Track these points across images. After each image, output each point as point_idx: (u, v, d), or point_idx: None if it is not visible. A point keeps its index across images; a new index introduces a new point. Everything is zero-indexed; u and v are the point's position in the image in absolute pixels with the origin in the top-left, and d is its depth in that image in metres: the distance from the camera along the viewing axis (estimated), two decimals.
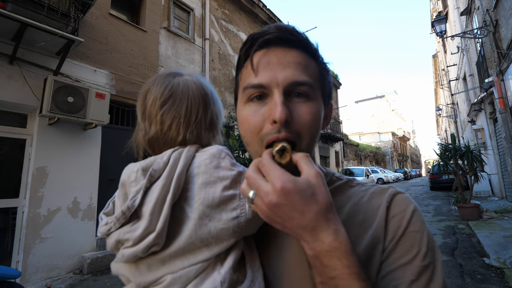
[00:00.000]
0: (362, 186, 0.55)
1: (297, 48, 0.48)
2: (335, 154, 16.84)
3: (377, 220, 0.47)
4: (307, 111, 0.46)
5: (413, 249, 0.43)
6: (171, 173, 0.47)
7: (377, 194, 0.50)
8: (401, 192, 0.50)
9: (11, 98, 3.88)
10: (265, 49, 0.47)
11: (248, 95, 0.48)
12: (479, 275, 3.52)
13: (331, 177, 0.57)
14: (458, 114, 16.73)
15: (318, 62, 0.51)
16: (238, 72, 0.53)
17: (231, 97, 8.17)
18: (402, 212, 0.46)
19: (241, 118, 0.50)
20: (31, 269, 3.80)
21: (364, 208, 0.49)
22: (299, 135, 0.46)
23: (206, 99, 0.58)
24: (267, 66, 0.46)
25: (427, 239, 0.44)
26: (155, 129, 0.55)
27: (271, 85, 0.46)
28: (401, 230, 0.45)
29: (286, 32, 0.47)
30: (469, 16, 9.90)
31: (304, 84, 0.46)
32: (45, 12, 3.63)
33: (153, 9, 6.14)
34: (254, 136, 0.47)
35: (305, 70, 0.47)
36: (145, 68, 5.77)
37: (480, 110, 9.88)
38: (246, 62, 0.49)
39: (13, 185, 3.97)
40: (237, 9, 8.97)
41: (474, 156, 6.42)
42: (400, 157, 42.99)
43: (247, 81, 0.48)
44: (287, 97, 0.46)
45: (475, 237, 5.13)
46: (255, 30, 0.50)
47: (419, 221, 0.46)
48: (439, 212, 8.14)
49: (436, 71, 26.21)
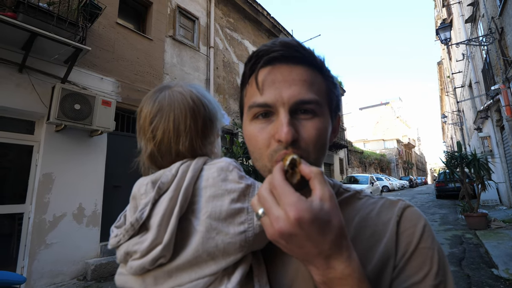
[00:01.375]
0: (370, 198, 0.54)
1: (302, 64, 0.47)
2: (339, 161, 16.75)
3: (387, 235, 0.46)
4: (314, 129, 0.46)
5: (424, 267, 0.42)
6: (178, 186, 0.47)
7: (386, 208, 0.50)
8: (411, 205, 0.49)
9: (20, 106, 3.96)
10: (270, 67, 0.47)
11: (253, 113, 0.48)
12: (487, 287, 3.43)
13: (338, 189, 0.56)
14: (464, 122, 16.56)
15: (325, 76, 0.50)
16: (243, 88, 0.53)
17: (235, 104, 8.22)
18: (412, 227, 0.46)
19: (248, 135, 0.50)
20: (36, 275, 3.81)
21: (373, 222, 0.48)
22: (306, 152, 0.45)
23: (193, 106, 0.56)
24: (272, 85, 0.46)
25: (438, 256, 0.44)
26: (150, 146, 0.55)
27: (277, 104, 0.45)
28: (412, 246, 0.44)
29: (291, 49, 0.47)
30: (474, 24, 9.89)
31: (310, 103, 0.46)
32: (55, 22, 3.73)
33: (159, 18, 6.26)
34: (263, 152, 0.47)
35: (311, 87, 0.47)
36: (150, 76, 5.86)
37: (486, 117, 9.78)
38: (251, 79, 0.49)
39: (19, 191, 4.02)
40: (242, 18, 9.10)
41: (481, 164, 6.33)
42: (405, 165, 42.53)
43: (253, 99, 0.48)
44: (293, 114, 0.46)
45: (483, 247, 5.02)
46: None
47: (430, 237, 0.45)
48: (446, 221, 8.00)
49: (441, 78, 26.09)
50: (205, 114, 0.58)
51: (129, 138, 5.32)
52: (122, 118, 5.34)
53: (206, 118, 0.58)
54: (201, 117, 0.57)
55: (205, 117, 0.57)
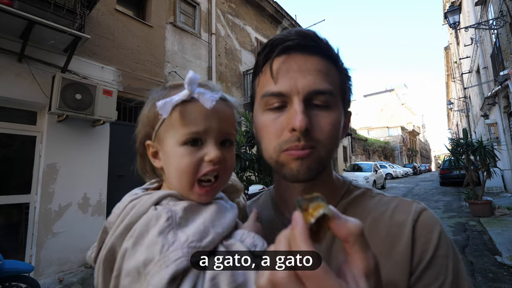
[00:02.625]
0: (384, 197, 0.52)
1: (318, 54, 0.46)
2: (343, 149, 16.69)
3: (403, 239, 0.44)
4: (328, 121, 0.45)
5: (440, 277, 0.42)
6: (113, 233, 0.44)
7: (400, 209, 0.48)
8: (426, 208, 0.48)
9: (21, 96, 3.93)
10: (285, 56, 0.46)
11: (266, 103, 0.47)
12: (490, 274, 3.45)
13: (349, 186, 0.55)
14: (471, 108, 16.29)
15: (339, 68, 0.49)
16: (255, 78, 0.51)
17: (238, 92, 8.13)
18: (429, 234, 0.45)
19: (259, 125, 0.48)
20: (44, 263, 3.90)
21: (386, 224, 0.47)
22: (319, 143, 0.44)
23: (144, 112, 0.51)
24: (287, 74, 0.45)
25: (452, 264, 0.43)
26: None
27: (291, 93, 0.45)
28: (429, 254, 0.43)
29: (307, 38, 0.46)
30: (484, 6, 9.53)
31: (325, 93, 0.45)
32: (52, 9, 3.64)
33: (159, 4, 6.11)
34: (271, 142, 0.46)
35: (326, 77, 0.46)
36: (151, 64, 5.77)
37: (493, 104, 9.58)
38: (265, 68, 0.48)
39: (25, 181, 4.05)
40: (244, 3, 8.85)
41: (487, 151, 6.25)
42: (409, 152, 42.35)
43: (266, 88, 0.47)
44: (307, 105, 0.44)
45: (486, 234, 5.03)
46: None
47: (446, 244, 0.44)
48: (450, 208, 8.00)
49: (448, 64, 25.51)
50: (144, 115, 0.51)
51: (131, 127, 5.24)
52: (124, 107, 5.30)
53: (143, 117, 0.53)
54: (142, 120, 0.53)
55: (143, 116, 0.53)
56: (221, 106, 0.47)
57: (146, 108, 0.50)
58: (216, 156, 0.44)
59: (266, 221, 0.57)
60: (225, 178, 0.49)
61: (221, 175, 0.47)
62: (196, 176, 0.45)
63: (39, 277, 3.73)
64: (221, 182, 0.48)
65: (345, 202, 0.52)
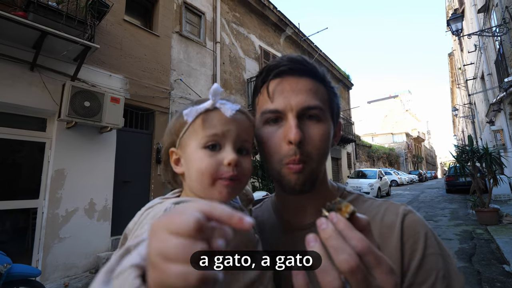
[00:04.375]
0: (375, 201, 0.58)
1: (307, 76, 0.54)
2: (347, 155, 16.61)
3: (392, 240, 0.49)
4: (318, 132, 0.52)
5: (432, 273, 0.46)
6: (130, 239, 0.45)
7: (389, 212, 0.53)
8: (412, 211, 0.53)
9: (32, 103, 4.04)
10: (279, 79, 0.54)
11: (265, 119, 0.54)
12: (498, 283, 3.39)
13: (343, 192, 0.61)
14: (476, 115, 16.16)
15: (327, 87, 0.56)
16: (255, 98, 0.59)
17: (242, 99, 8.22)
18: (416, 234, 0.49)
19: (260, 139, 0.55)
20: (50, 267, 3.94)
21: (377, 226, 0.52)
22: (309, 156, 0.51)
23: (171, 123, 0.56)
24: (281, 93, 0.53)
25: (442, 260, 0.47)
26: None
27: (286, 109, 0.52)
28: (419, 255, 0.47)
29: (297, 63, 0.54)
30: (487, 14, 9.56)
31: (315, 108, 0.52)
32: (64, 20, 3.77)
33: (165, 14, 6.26)
34: (274, 155, 0.53)
35: (315, 95, 0.53)
36: (158, 72, 5.89)
37: (499, 110, 9.51)
38: (262, 89, 0.56)
39: (33, 186, 4.13)
40: (248, 12, 9.02)
41: (493, 158, 6.20)
42: (414, 159, 41.91)
43: (264, 106, 0.55)
44: (300, 119, 0.52)
45: (494, 243, 4.95)
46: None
47: (434, 242, 0.48)
48: (456, 216, 7.89)
49: (452, 70, 25.43)
50: (168, 137, 0.57)
51: (137, 134, 5.38)
52: (130, 114, 5.40)
53: (167, 137, 0.57)
54: (168, 138, 0.57)
55: (167, 137, 0.57)
56: (240, 117, 0.52)
57: (173, 119, 0.56)
58: (233, 159, 0.48)
59: (268, 226, 0.63)
60: (243, 183, 0.52)
61: (239, 179, 0.50)
62: (216, 177, 0.48)
63: (45, 282, 3.77)
64: (239, 186, 0.51)
65: None
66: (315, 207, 0.56)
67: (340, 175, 15.07)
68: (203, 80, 7.03)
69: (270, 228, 0.61)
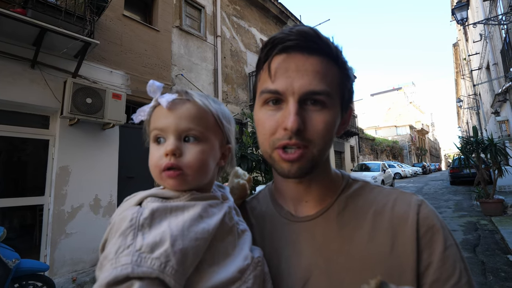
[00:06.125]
0: (383, 189, 0.55)
1: (317, 54, 0.47)
2: (350, 149, 16.55)
3: (405, 231, 0.47)
4: (321, 120, 0.46)
5: (457, 265, 0.45)
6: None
7: (400, 201, 0.51)
8: (424, 201, 0.50)
9: (34, 101, 4.06)
10: (285, 54, 0.47)
11: (264, 99, 0.49)
12: (502, 273, 3.39)
13: (348, 180, 0.57)
14: (481, 105, 15.96)
15: (340, 68, 0.49)
16: (257, 73, 0.53)
17: (244, 93, 8.18)
18: (435, 226, 0.47)
19: (257, 120, 0.51)
20: (58, 262, 4.01)
21: (388, 216, 0.49)
22: (311, 142, 0.46)
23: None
24: (284, 73, 0.46)
25: (457, 249, 0.46)
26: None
27: (287, 92, 0.46)
28: (440, 247, 0.45)
29: (307, 39, 0.46)
30: (493, 1, 9.36)
31: (321, 93, 0.46)
32: (63, 16, 3.75)
33: (165, 8, 6.21)
34: (266, 138, 0.49)
35: (324, 78, 0.46)
36: (159, 68, 5.87)
37: (504, 100, 9.38)
38: (265, 64, 0.49)
39: (39, 184, 4.17)
40: (248, 5, 8.91)
41: (498, 149, 6.14)
42: (418, 151, 41.68)
43: (264, 85, 0.49)
44: (302, 105, 0.46)
45: (498, 233, 4.94)
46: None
47: (449, 234, 0.47)
48: (460, 208, 7.87)
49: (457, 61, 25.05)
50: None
51: (140, 130, 5.36)
52: (132, 110, 5.39)
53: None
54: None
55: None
56: (183, 106, 0.50)
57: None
58: (170, 148, 0.48)
59: (265, 214, 0.60)
60: (191, 169, 0.49)
61: (184, 169, 0.48)
62: (160, 169, 0.49)
63: (53, 277, 3.83)
64: (187, 174, 0.49)
65: (345, 195, 0.54)
66: (318, 197, 0.54)
67: (343, 168, 15.04)
68: (204, 75, 7.00)
69: (270, 220, 0.58)
